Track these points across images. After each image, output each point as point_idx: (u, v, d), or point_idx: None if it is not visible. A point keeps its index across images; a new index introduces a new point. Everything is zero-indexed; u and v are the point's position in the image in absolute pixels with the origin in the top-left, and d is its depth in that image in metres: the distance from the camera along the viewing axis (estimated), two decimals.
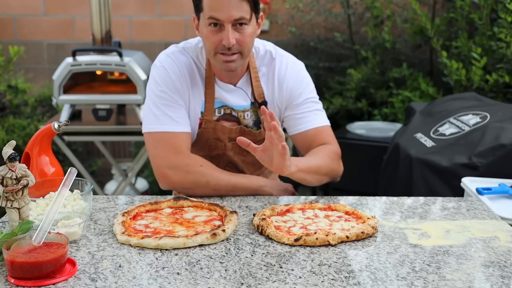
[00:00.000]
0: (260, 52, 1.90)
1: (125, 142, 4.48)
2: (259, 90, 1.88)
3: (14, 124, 3.69)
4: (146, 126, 1.82)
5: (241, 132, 1.89)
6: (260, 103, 1.88)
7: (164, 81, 1.80)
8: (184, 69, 1.83)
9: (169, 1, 4.36)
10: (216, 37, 1.71)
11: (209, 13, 1.69)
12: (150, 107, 1.81)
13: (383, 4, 3.82)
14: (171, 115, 1.79)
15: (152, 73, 1.85)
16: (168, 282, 1.21)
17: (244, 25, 1.70)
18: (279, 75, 1.88)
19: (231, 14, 1.67)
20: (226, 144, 1.91)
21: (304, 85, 1.91)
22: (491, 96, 3.13)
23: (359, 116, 3.97)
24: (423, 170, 2.29)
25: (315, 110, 1.91)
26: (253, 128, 1.92)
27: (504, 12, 3.01)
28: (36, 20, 4.35)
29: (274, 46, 1.94)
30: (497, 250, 1.40)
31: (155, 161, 1.79)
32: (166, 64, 1.83)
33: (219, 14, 1.67)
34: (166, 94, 1.79)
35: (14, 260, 1.17)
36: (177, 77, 1.81)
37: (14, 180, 1.28)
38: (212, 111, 1.86)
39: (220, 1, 1.66)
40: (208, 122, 1.86)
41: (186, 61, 1.84)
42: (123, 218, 1.50)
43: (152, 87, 1.83)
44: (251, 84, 1.88)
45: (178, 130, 1.79)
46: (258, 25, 1.79)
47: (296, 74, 1.90)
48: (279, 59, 1.90)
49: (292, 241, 1.40)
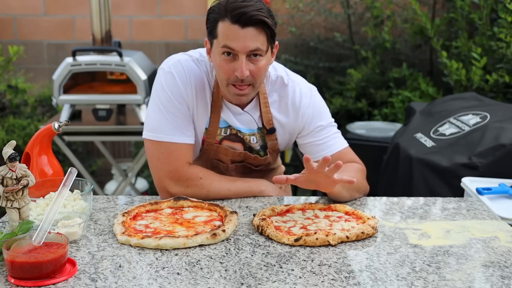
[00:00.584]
0: (271, 77, 1.82)
1: (125, 142, 4.48)
2: (268, 116, 1.82)
3: (14, 124, 3.69)
4: (149, 133, 1.75)
5: (246, 157, 1.85)
6: (268, 129, 1.83)
7: (171, 88, 1.73)
8: (193, 80, 1.75)
9: (169, 1, 4.36)
10: (229, 67, 1.63)
11: (223, 42, 1.60)
12: (155, 113, 1.74)
13: (383, 4, 3.82)
14: (176, 125, 1.73)
15: (159, 76, 1.77)
16: (168, 282, 1.21)
17: (259, 56, 1.63)
18: (294, 103, 1.81)
19: (246, 45, 1.59)
20: (228, 165, 1.87)
21: (321, 112, 1.86)
22: (491, 96, 3.13)
23: (359, 116, 3.97)
24: (423, 170, 2.29)
25: (334, 134, 1.87)
26: (260, 152, 1.87)
27: (504, 12, 3.01)
28: (36, 20, 4.35)
29: (285, 70, 1.86)
30: (497, 250, 1.40)
31: (157, 173, 1.75)
32: (174, 70, 1.74)
33: (234, 44, 1.59)
34: (172, 102, 1.72)
35: (14, 260, 1.17)
36: (184, 85, 1.73)
37: (14, 180, 1.28)
38: (216, 129, 1.80)
39: (237, 31, 1.58)
40: (211, 145, 1.81)
41: (198, 73, 1.76)
42: (123, 218, 1.50)
43: (158, 92, 1.75)
44: (259, 109, 1.82)
45: (182, 141, 1.74)
46: (273, 55, 1.71)
47: (312, 102, 1.83)
48: (292, 86, 1.82)
49: (292, 241, 1.40)
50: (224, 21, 1.60)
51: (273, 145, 1.87)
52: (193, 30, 4.37)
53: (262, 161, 1.89)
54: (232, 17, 1.58)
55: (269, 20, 1.60)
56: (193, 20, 4.37)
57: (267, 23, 1.59)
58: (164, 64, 1.78)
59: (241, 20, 1.57)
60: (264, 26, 1.60)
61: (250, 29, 1.59)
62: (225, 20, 1.59)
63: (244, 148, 1.85)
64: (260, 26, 1.59)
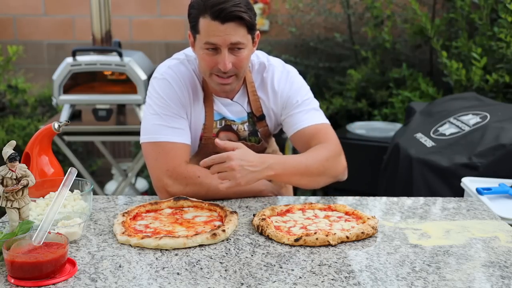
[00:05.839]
0: (255, 66, 1.89)
1: (125, 142, 4.48)
2: (256, 104, 1.88)
3: (14, 124, 3.69)
4: (146, 136, 1.78)
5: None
6: (258, 117, 1.88)
7: (167, 94, 1.77)
8: (187, 81, 1.80)
9: (169, 1, 4.36)
10: (212, 60, 1.69)
11: (205, 39, 1.67)
12: (151, 118, 1.77)
13: (383, 4, 3.81)
14: (174, 126, 1.76)
15: (153, 85, 1.81)
16: (168, 282, 1.21)
17: (240, 49, 1.69)
18: (272, 85, 1.87)
19: (227, 39, 1.65)
20: None
21: (297, 90, 1.89)
22: (491, 96, 3.13)
23: (359, 116, 3.97)
24: (423, 170, 2.29)
25: (312, 109, 1.88)
26: (252, 138, 1.91)
27: (504, 12, 3.01)
28: (36, 20, 4.35)
29: (266, 56, 1.93)
30: (497, 250, 1.40)
31: (155, 173, 1.76)
32: (168, 77, 1.79)
33: (216, 39, 1.65)
34: (169, 106, 1.76)
35: (14, 260, 1.17)
36: (180, 89, 1.78)
37: (14, 180, 1.28)
38: (212, 123, 1.85)
39: (217, 27, 1.63)
40: (208, 138, 1.86)
41: (187, 73, 1.82)
42: (123, 218, 1.50)
43: (154, 100, 1.78)
44: (247, 96, 1.87)
45: (180, 141, 1.76)
46: (254, 44, 1.77)
47: (288, 82, 1.88)
48: (271, 69, 1.88)
49: (292, 241, 1.40)
50: (204, 17, 1.65)
51: (265, 131, 1.93)
52: None
53: (259, 147, 1.92)
54: (212, 13, 1.63)
55: (247, 14, 1.65)
56: None
57: (245, 18, 1.65)
58: (155, 73, 1.84)
59: (220, 16, 1.63)
60: (242, 20, 1.65)
61: (229, 24, 1.64)
62: (205, 16, 1.65)
63: (239, 139, 1.90)
64: (238, 20, 1.65)
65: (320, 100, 1.99)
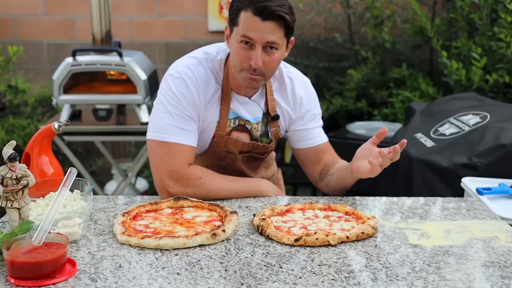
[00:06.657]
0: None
1: (125, 142, 4.48)
2: (272, 104, 1.90)
3: (14, 124, 3.69)
4: (155, 134, 1.76)
5: (254, 147, 1.90)
6: (273, 116, 1.90)
7: (182, 93, 1.76)
8: (203, 82, 1.79)
9: (169, 1, 4.36)
10: (245, 55, 1.70)
11: (243, 31, 1.67)
12: (162, 115, 1.76)
13: (383, 4, 3.81)
14: (184, 128, 1.75)
15: (167, 82, 1.79)
16: (168, 282, 1.21)
17: (274, 49, 1.69)
18: (293, 92, 1.90)
19: (264, 37, 1.66)
20: (236, 156, 1.90)
21: (315, 103, 1.97)
22: (491, 96, 3.13)
23: (359, 116, 3.97)
24: (423, 170, 2.29)
25: (320, 127, 1.99)
26: (263, 139, 1.92)
27: (504, 12, 3.01)
28: (36, 20, 4.35)
29: (283, 62, 1.92)
30: (497, 250, 1.40)
31: (158, 172, 1.75)
32: (186, 76, 1.77)
33: (253, 34, 1.65)
34: (182, 106, 1.75)
35: (14, 260, 1.17)
36: (196, 91, 1.77)
37: (14, 180, 1.28)
38: (226, 121, 1.85)
39: (257, 23, 1.64)
40: (221, 137, 1.85)
41: (205, 74, 1.81)
42: (123, 218, 1.50)
43: (167, 97, 1.77)
44: (265, 97, 1.89)
45: (187, 143, 1.76)
46: (287, 49, 1.78)
47: (308, 92, 1.94)
48: (290, 77, 1.91)
49: (292, 241, 1.40)
50: (246, 11, 1.66)
51: (276, 132, 1.94)
52: (193, 30, 4.37)
53: (269, 148, 1.95)
54: (255, 9, 1.64)
55: (289, 16, 1.67)
56: (193, 20, 4.37)
57: (286, 20, 1.66)
58: (172, 70, 1.81)
59: (263, 13, 1.64)
60: (283, 22, 1.66)
61: (270, 22, 1.65)
62: (247, 10, 1.66)
63: (251, 139, 1.90)
64: (279, 21, 1.65)
65: (320, 100, 2.01)
